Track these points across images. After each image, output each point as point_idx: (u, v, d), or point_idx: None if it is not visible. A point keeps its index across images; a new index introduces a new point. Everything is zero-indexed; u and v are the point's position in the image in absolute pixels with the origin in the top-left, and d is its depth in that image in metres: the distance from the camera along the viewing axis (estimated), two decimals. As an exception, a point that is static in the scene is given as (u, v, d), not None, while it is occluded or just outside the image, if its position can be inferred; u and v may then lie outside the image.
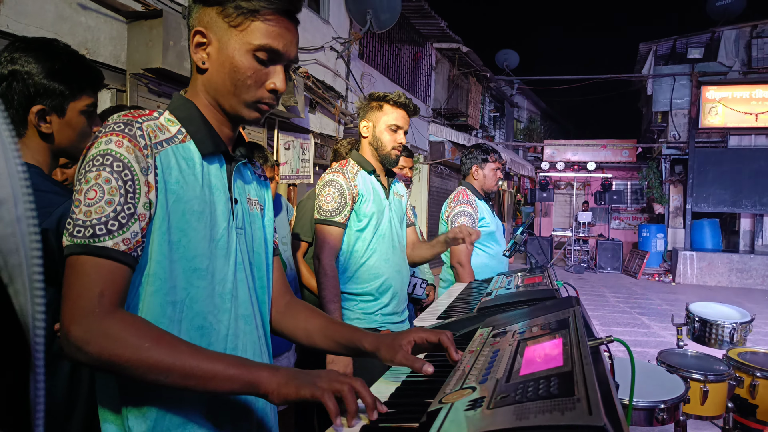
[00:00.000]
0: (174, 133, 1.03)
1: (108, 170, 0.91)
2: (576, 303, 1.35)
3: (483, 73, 14.50)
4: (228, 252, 1.06)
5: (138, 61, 4.13)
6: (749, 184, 13.84)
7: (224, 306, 1.04)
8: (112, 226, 0.89)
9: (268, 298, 1.21)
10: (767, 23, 14.14)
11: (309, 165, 6.78)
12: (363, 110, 2.29)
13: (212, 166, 1.06)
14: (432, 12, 10.32)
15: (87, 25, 3.86)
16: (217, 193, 1.06)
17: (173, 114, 1.06)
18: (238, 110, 1.05)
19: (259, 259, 1.18)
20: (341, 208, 2.16)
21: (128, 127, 0.95)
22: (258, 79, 1.02)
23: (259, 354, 1.13)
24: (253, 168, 1.24)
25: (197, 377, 0.86)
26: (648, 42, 15.62)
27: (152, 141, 0.97)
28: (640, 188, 17.61)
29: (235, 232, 1.08)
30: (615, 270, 15.08)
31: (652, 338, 6.84)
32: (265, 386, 0.87)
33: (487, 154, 3.22)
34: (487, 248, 3.11)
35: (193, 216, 1.00)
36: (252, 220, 1.16)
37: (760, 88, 13.80)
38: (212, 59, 1.03)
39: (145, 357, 0.84)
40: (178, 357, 0.86)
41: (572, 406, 0.68)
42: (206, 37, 1.02)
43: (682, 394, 2.12)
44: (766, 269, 12.85)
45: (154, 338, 0.86)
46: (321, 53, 7.36)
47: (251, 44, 1.00)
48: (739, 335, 2.80)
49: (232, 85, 1.02)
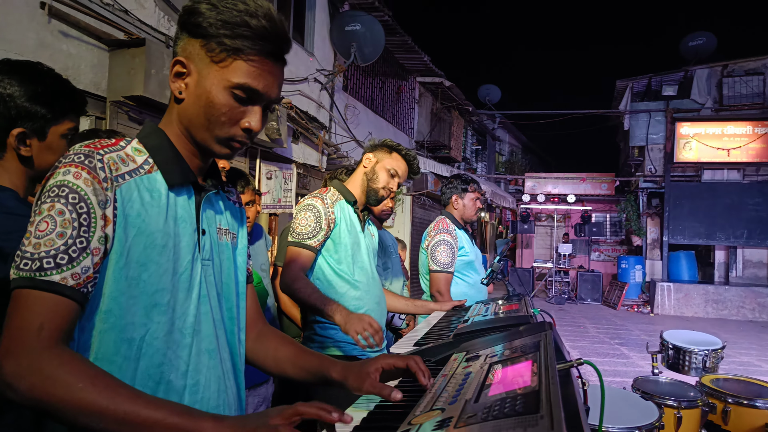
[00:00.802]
0: (140, 164, 1.00)
1: (62, 202, 0.88)
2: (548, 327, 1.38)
3: (465, 107, 14.75)
4: (191, 285, 1.02)
5: (119, 88, 4.15)
6: (723, 217, 14.19)
7: (184, 341, 1.00)
8: (61, 260, 0.86)
9: (238, 329, 1.17)
10: (737, 63, 14.70)
11: (291, 195, 6.80)
12: (373, 147, 2.38)
13: (180, 198, 1.04)
14: (416, 47, 10.53)
15: (68, 52, 3.89)
16: (183, 224, 1.03)
17: (141, 143, 1.03)
18: (209, 144, 1.03)
19: (228, 290, 1.15)
20: (315, 232, 2.17)
21: (88, 159, 0.92)
22: (233, 117, 1.00)
23: (224, 389, 1.08)
24: (227, 195, 1.22)
25: (134, 424, 0.78)
26: (624, 79, 16.11)
27: (113, 174, 0.94)
28: (619, 221, 17.89)
29: (201, 263, 1.05)
30: (595, 301, 15.17)
31: (631, 368, 6.87)
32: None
33: (466, 184, 3.27)
34: (466, 277, 3.13)
35: (155, 250, 0.97)
36: (221, 250, 1.13)
37: (732, 125, 14.27)
38: (189, 90, 1.01)
39: (77, 398, 0.78)
40: (113, 400, 0.79)
41: (535, 423, 0.69)
42: (186, 68, 1.00)
43: (656, 420, 2.14)
44: (740, 300, 13.05)
45: (91, 378, 0.80)
46: (305, 84, 7.46)
47: (230, 81, 0.97)
48: (711, 362, 2.84)
49: (205, 119, 1.00)
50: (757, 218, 14.02)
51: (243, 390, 1.19)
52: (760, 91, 14.33)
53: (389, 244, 3.41)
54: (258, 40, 0.97)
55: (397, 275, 3.34)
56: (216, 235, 1.12)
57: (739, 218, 14.09)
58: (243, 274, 1.22)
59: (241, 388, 1.18)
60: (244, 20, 0.96)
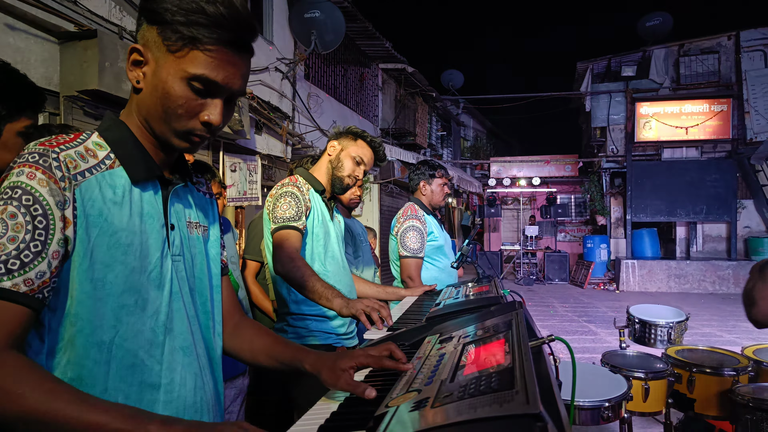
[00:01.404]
0: (101, 159, 0.96)
1: (15, 204, 0.84)
2: (519, 307, 1.39)
3: (429, 92, 14.77)
4: (161, 283, 0.99)
5: (72, 83, 4.00)
6: (683, 194, 14.60)
7: (157, 340, 0.98)
8: (12, 266, 0.82)
9: (214, 323, 1.15)
10: (693, 42, 15.05)
11: (257, 187, 6.71)
12: (337, 134, 2.34)
13: (145, 193, 1.00)
14: (377, 33, 10.47)
15: (16, 46, 3.73)
16: (150, 221, 0.99)
17: (102, 136, 0.99)
18: (167, 137, 0.98)
19: (201, 285, 1.12)
20: (299, 215, 2.12)
21: (43, 158, 0.88)
22: (190, 109, 0.95)
23: (201, 385, 1.06)
24: (197, 187, 1.19)
25: (79, 429, 0.76)
26: (585, 61, 16.36)
27: (71, 172, 0.90)
28: (583, 201, 18.25)
29: (171, 259, 1.02)
30: (562, 281, 15.47)
31: (599, 344, 7.04)
32: None
33: (434, 169, 3.27)
34: (436, 262, 3.15)
35: (120, 249, 0.93)
36: (192, 244, 1.10)
37: (689, 104, 14.64)
38: (147, 80, 0.96)
39: (17, 405, 0.75)
40: (54, 405, 0.76)
41: (511, 398, 0.70)
42: (143, 56, 0.95)
43: (625, 392, 2.20)
44: (701, 274, 13.50)
45: (34, 384, 0.77)
46: (266, 74, 7.34)
47: (186, 72, 0.92)
48: (676, 334, 2.93)
49: (162, 111, 0.95)
50: (715, 194, 14.47)
51: (221, 384, 1.17)
52: (716, 70, 14.73)
53: (359, 232, 3.40)
54: (215, 28, 0.91)
55: (368, 263, 3.34)
56: (186, 229, 1.09)
57: (699, 195, 14.52)
58: (217, 266, 1.20)
59: (219, 382, 1.16)
60: (199, 6, 0.90)
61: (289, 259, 2.00)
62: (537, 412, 0.63)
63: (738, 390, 2.29)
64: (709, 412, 2.53)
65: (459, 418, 0.68)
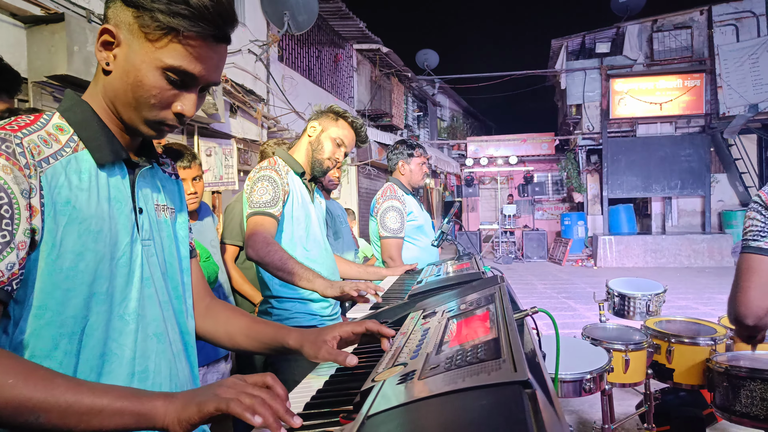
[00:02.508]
0: (64, 143, 0.91)
1: None
2: (501, 281, 1.39)
3: (404, 73, 14.70)
4: (131, 269, 0.96)
5: (40, 68, 3.89)
6: (658, 169, 14.85)
7: (127, 328, 0.95)
8: None
9: (186, 306, 1.12)
10: (666, 18, 15.19)
11: (233, 171, 6.63)
12: (318, 114, 2.29)
13: (112, 177, 0.96)
14: (350, 13, 10.36)
15: (-19, 30, 3.62)
16: (118, 205, 0.95)
17: (64, 117, 0.94)
18: (135, 124, 0.95)
19: (172, 269, 1.09)
20: (275, 201, 2.09)
21: (5, 144, 0.82)
22: (163, 100, 0.91)
23: (176, 372, 1.04)
24: (162, 168, 1.15)
25: (79, 414, 0.73)
26: (559, 38, 16.39)
27: (35, 159, 0.84)
28: (560, 179, 18.44)
29: (141, 244, 0.99)
30: (541, 258, 15.67)
31: (579, 320, 7.15)
32: (161, 417, 0.75)
33: (412, 149, 3.25)
34: (416, 241, 3.15)
35: (90, 236, 0.89)
36: (161, 228, 1.07)
37: (663, 79, 14.82)
38: (117, 63, 0.91)
39: (10, 396, 0.71)
40: (52, 393, 0.73)
41: (498, 367, 0.69)
42: (115, 38, 0.90)
43: (606, 364, 2.24)
44: (676, 248, 13.76)
45: (21, 373, 0.73)
46: (239, 56, 7.22)
47: (163, 62, 0.88)
48: (654, 306, 2.98)
49: (133, 98, 0.91)
50: (689, 169, 14.75)
51: (196, 368, 1.15)
52: (689, 45, 14.91)
53: (338, 214, 3.38)
54: (198, 21, 0.87)
55: (348, 245, 3.33)
56: (154, 212, 1.06)
57: (673, 170, 14.79)
58: (186, 248, 1.17)
59: (194, 366, 1.14)
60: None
61: (264, 244, 1.97)
62: (525, 379, 0.63)
63: (715, 359, 2.34)
64: (688, 381, 2.59)
65: (447, 388, 0.68)
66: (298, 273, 1.91)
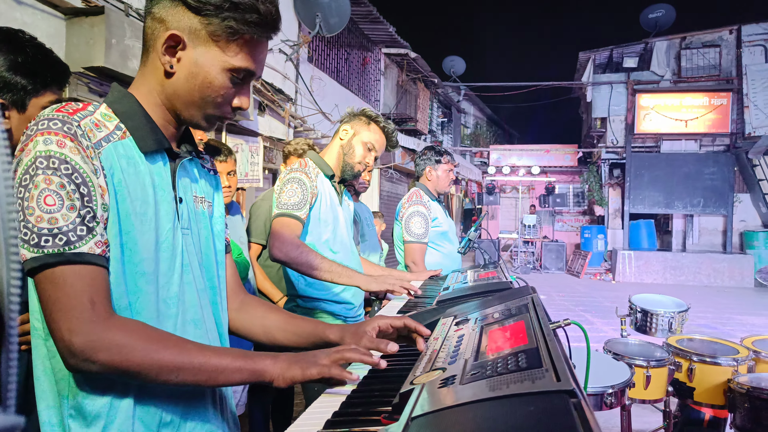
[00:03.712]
0: (112, 130, 0.96)
1: (59, 174, 0.84)
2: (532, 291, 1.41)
3: (431, 79, 14.72)
4: (173, 254, 1.00)
5: (78, 59, 3.98)
6: (680, 186, 14.67)
7: (169, 312, 0.99)
8: (82, 232, 0.85)
9: (221, 298, 1.15)
10: (695, 35, 15.04)
11: (258, 168, 6.70)
12: (350, 117, 2.31)
13: (155, 165, 1.00)
14: (381, 17, 10.41)
15: (22, 21, 3.71)
16: (161, 192, 1.00)
17: (111, 108, 0.98)
18: (196, 120, 1.03)
19: (208, 260, 1.12)
20: (302, 204, 2.13)
21: (66, 125, 0.87)
22: (227, 97, 1.00)
23: None
24: (202, 163, 1.19)
25: (207, 372, 0.89)
26: (587, 51, 16.30)
27: (92, 141, 0.90)
28: (582, 191, 18.30)
29: (181, 232, 1.03)
30: (559, 270, 15.56)
31: (596, 333, 7.09)
32: (270, 373, 0.93)
33: (440, 155, 3.28)
34: (440, 247, 3.16)
35: (137, 218, 0.95)
36: (198, 219, 1.10)
37: (690, 96, 14.65)
38: (183, 66, 0.97)
39: (156, 359, 0.86)
40: (186, 356, 0.88)
41: (542, 375, 0.71)
42: (181, 42, 0.95)
43: (628, 379, 2.23)
44: (696, 266, 13.59)
45: (160, 340, 0.88)
46: (270, 55, 7.30)
47: (231, 64, 0.96)
48: (677, 324, 2.97)
49: (200, 98, 0.98)
50: (712, 187, 14.54)
51: None
52: (717, 63, 14.73)
53: (365, 216, 3.41)
54: (263, 26, 0.97)
55: (373, 248, 3.36)
56: (193, 203, 1.10)
57: (696, 187, 14.60)
58: (221, 243, 1.20)
59: None
60: (253, 5, 0.94)
61: (294, 246, 2.01)
62: (571, 389, 0.65)
63: (737, 380, 2.33)
64: (709, 401, 2.57)
65: (492, 394, 0.70)
66: (336, 270, 1.95)
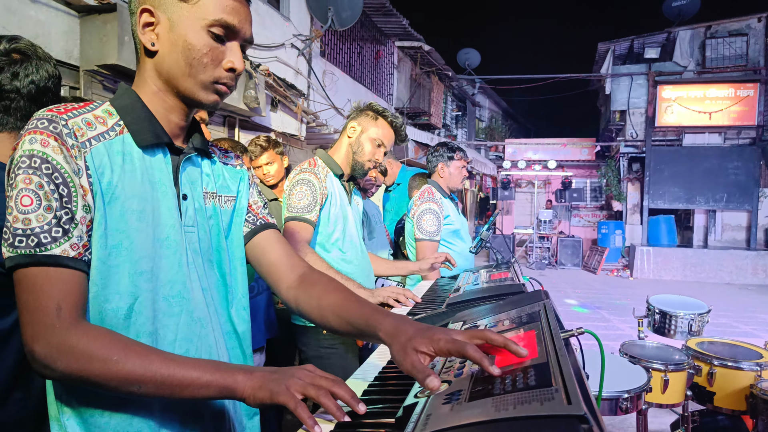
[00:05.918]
0: (110, 126, 0.96)
1: (39, 174, 0.84)
2: (545, 296, 1.36)
3: (445, 72, 14.61)
4: (176, 251, 0.99)
5: (92, 57, 3.99)
6: (703, 181, 14.38)
7: (171, 310, 0.98)
8: (57, 233, 0.84)
9: (232, 295, 1.12)
10: (720, 24, 14.66)
11: (271, 164, 6.68)
12: (357, 113, 2.28)
13: (155, 159, 0.99)
14: (393, 10, 10.34)
15: (37, 18, 3.72)
16: (162, 188, 0.98)
17: (113, 105, 0.99)
18: (195, 93, 0.99)
19: (219, 256, 1.09)
20: (312, 206, 2.11)
21: (52, 125, 0.87)
22: (215, 57, 0.97)
23: (217, 358, 1.05)
24: (224, 160, 1.17)
25: (172, 386, 0.83)
26: (606, 42, 16.02)
27: (79, 140, 0.89)
28: (599, 186, 18.06)
29: (183, 230, 1.01)
30: (575, 266, 15.39)
31: (612, 331, 7.00)
32: (240, 390, 0.85)
33: (453, 152, 3.22)
34: (452, 245, 3.11)
35: (133, 216, 0.93)
36: (208, 215, 1.08)
37: (714, 88, 14.30)
38: (162, 39, 0.96)
39: (115, 370, 0.81)
40: (149, 367, 0.83)
41: (551, 397, 0.67)
42: (154, 16, 0.95)
43: (645, 384, 2.17)
44: (718, 263, 13.33)
45: (122, 349, 0.83)
46: (282, 50, 7.28)
47: (205, 19, 0.94)
48: (697, 326, 2.88)
49: (186, 65, 0.96)
50: (736, 182, 14.23)
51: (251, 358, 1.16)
52: (743, 53, 14.37)
53: (374, 213, 3.37)
54: None
55: (382, 245, 3.32)
56: (202, 199, 1.07)
57: (719, 182, 14.29)
58: (239, 237, 1.17)
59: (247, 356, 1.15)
60: None
61: (302, 254, 2.01)
62: (582, 414, 0.61)
63: (760, 385, 2.25)
64: (729, 406, 2.50)
65: (497, 416, 0.66)
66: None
